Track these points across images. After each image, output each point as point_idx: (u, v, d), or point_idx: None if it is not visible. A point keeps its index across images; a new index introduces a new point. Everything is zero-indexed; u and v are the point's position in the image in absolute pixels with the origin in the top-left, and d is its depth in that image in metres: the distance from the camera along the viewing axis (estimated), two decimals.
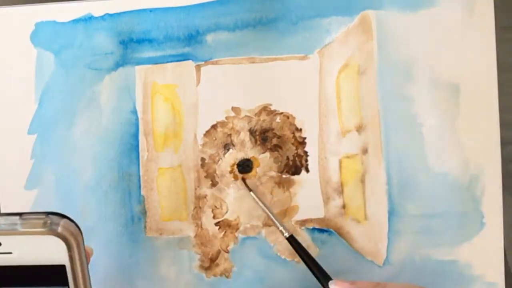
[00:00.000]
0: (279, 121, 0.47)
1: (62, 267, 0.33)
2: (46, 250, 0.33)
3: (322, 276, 0.42)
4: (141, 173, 0.46)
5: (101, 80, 0.45)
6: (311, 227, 0.47)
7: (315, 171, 0.47)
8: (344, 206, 0.47)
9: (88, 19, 0.44)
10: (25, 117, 0.44)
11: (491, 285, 0.46)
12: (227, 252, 0.47)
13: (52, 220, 0.33)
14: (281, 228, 0.44)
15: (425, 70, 0.47)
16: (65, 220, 0.33)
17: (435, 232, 0.46)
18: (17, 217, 0.33)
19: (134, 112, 0.45)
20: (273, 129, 0.47)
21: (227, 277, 0.47)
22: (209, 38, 0.45)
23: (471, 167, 0.47)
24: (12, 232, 0.32)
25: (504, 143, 0.48)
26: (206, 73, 0.46)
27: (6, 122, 0.44)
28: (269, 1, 0.46)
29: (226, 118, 0.46)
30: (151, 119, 0.45)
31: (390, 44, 0.47)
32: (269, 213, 0.45)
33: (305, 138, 0.47)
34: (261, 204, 0.46)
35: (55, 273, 0.33)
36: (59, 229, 0.33)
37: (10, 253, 0.33)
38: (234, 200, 0.47)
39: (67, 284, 0.34)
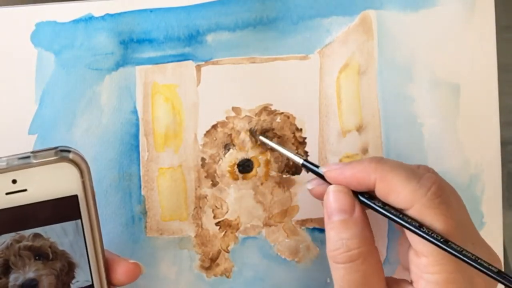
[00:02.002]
0: (280, 121, 0.47)
1: (75, 198, 0.35)
2: (59, 181, 0.34)
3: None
4: (141, 173, 0.46)
5: (101, 80, 0.45)
6: (311, 227, 0.47)
7: None
8: None
9: (88, 19, 0.44)
10: (26, 117, 0.44)
11: None
12: (228, 252, 0.47)
13: (62, 149, 0.35)
14: (293, 157, 0.43)
15: (425, 70, 0.47)
16: (73, 149, 0.35)
17: None
18: (29, 153, 0.34)
19: (135, 112, 0.45)
20: (273, 129, 0.47)
21: (227, 277, 0.47)
22: (210, 38, 0.45)
23: (471, 167, 0.48)
24: (27, 165, 0.34)
25: (504, 143, 0.48)
26: (206, 73, 0.46)
27: (7, 122, 0.44)
28: (270, 1, 0.46)
29: (227, 118, 0.46)
30: (151, 119, 0.45)
31: (390, 44, 0.47)
32: (281, 148, 0.44)
33: (305, 138, 0.47)
34: (272, 144, 0.45)
35: (67, 206, 0.35)
36: (71, 156, 0.34)
37: (25, 190, 0.34)
38: (235, 200, 0.47)
39: (79, 216, 0.35)
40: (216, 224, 0.47)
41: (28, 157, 0.34)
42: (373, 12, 0.46)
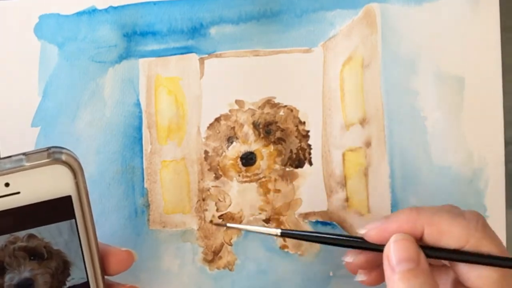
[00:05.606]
0: (283, 114, 0.47)
1: (68, 198, 0.34)
2: (52, 182, 0.34)
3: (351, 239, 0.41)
4: (144, 166, 0.46)
5: (104, 73, 0.45)
6: (314, 220, 0.48)
7: (319, 164, 0.47)
8: (347, 199, 0.47)
9: (91, 11, 0.44)
10: (29, 110, 0.44)
11: None
12: (230, 245, 0.47)
13: (54, 151, 0.34)
14: (269, 231, 0.42)
15: (429, 63, 0.47)
16: (66, 150, 0.34)
17: None
18: (21, 156, 0.34)
19: (138, 105, 0.45)
20: (276, 122, 0.47)
21: (230, 269, 0.47)
22: (213, 31, 0.45)
23: (474, 161, 0.48)
24: (19, 169, 0.33)
25: (506, 143, 0.48)
26: (209, 66, 0.46)
27: (10, 115, 0.44)
28: None
29: (230, 111, 0.46)
30: (154, 112, 0.45)
31: (394, 37, 0.46)
32: (253, 228, 0.44)
33: (308, 131, 0.47)
34: (244, 227, 0.46)
35: (61, 207, 0.34)
36: (63, 157, 0.34)
37: (18, 193, 0.33)
38: (238, 193, 0.47)
39: (73, 216, 0.34)
40: (219, 217, 0.47)
41: (21, 160, 0.33)
42: (377, 5, 0.46)
